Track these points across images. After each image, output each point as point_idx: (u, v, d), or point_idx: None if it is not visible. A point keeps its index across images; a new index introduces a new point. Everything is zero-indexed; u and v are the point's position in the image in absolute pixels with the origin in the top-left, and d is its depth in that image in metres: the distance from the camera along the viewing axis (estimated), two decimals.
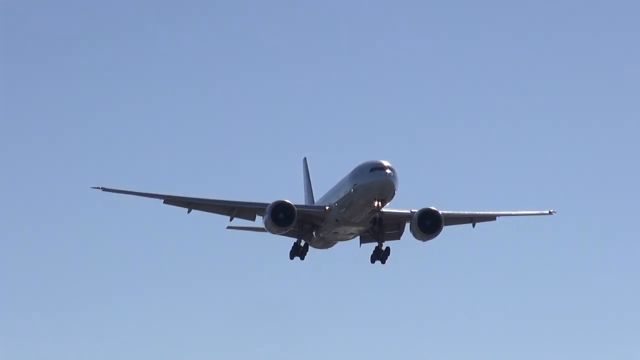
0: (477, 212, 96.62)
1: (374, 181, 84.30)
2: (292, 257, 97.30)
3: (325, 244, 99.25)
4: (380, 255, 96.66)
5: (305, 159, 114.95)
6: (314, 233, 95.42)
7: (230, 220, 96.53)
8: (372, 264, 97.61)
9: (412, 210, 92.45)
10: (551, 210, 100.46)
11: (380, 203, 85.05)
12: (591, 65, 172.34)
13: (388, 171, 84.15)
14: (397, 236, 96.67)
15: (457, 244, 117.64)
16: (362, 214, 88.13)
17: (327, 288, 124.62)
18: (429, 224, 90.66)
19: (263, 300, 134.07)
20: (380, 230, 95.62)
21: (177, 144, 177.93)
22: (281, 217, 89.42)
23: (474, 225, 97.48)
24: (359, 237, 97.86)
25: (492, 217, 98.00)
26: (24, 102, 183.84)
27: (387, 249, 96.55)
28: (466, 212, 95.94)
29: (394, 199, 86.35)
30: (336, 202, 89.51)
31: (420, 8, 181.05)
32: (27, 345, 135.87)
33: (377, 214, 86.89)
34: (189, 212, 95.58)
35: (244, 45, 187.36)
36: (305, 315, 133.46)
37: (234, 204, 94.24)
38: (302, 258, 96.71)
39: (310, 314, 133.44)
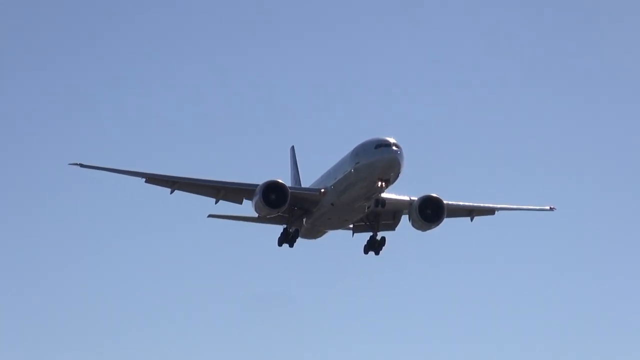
0: (477, 204, 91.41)
1: (379, 159, 78.32)
2: (280, 244, 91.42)
3: (315, 232, 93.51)
4: (374, 246, 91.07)
5: (292, 147, 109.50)
6: (304, 220, 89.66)
7: (216, 203, 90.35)
8: (366, 255, 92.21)
9: (412, 198, 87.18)
10: (552, 207, 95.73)
11: (384, 184, 79.16)
12: (595, 61, 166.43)
13: (395, 148, 78.23)
14: (391, 227, 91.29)
15: (454, 237, 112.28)
16: (362, 196, 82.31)
17: (317, 278, 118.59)
18: (430, 212, 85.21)
19: (247, 289, 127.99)
20: (376, 218, 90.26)
21: (163, 126, 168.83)
22: (273, 198, 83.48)
23: (472, 219, 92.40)
24: (351, 226, 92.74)
25: (491, 211, 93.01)
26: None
27: (383, 239, 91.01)
28: (466, 204, 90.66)
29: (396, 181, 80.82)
30: (333, 184, 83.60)
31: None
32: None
33: (379, 196, 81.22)
34: (171, 192, 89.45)
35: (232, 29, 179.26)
36: (292, 307, 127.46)
37: (222, 184, 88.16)
38: (291, 245, 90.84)
39: (299, 305, 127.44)
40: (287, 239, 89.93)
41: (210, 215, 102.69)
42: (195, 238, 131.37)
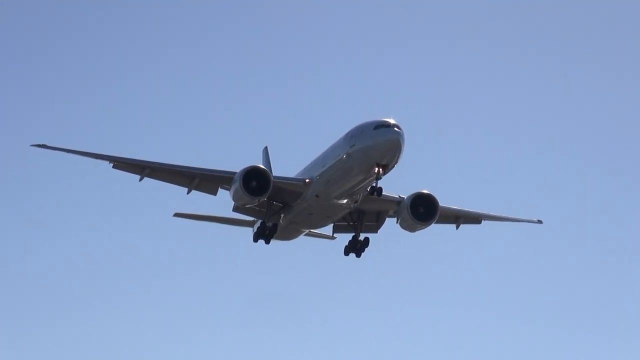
0: (466, 210, 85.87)
1: (379, 140, 71.35)
2: (256, 240, 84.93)
3: (291, 232, 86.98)
4: (356, 247, 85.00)
5: (266, 148, 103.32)
6: (282, 216, 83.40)
7: (188, 192, 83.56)
8: (346, 257, 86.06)
9: (401, 196, 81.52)
10: (539, 219, 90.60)
11: (381, 170, 72.01)
12: (587, 70, 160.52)
13: (396, 129, 71.55)
14: (374, 229, 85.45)
15: (437, 243, 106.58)
16: (354, 186, 75.83)
17: (294, 279, 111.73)
18: (422, 210, 79.47)
19: (219, 289, 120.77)
20: (360, 218, 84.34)
21: (136, 112, 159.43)
22: (254, 185, 77.08)
23: (457, 227, 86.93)
24: (331, 226, 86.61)
25: (477, 220, 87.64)
26: None
27: (366, 239, 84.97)
28: (454, 208, 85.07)
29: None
30: (320, 173, 77.14)
31: None
32: None
33: (376, 183, 73.56)
34: (140, 179, 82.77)
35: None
36: (268, 309, 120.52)
37: (197, 170, 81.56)
38: (268, 241, 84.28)
39: (274, 307, 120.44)
40: (264, 234, 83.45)
41: (176, 215, 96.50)
42: (163, 231, 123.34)
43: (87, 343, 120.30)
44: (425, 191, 79.76)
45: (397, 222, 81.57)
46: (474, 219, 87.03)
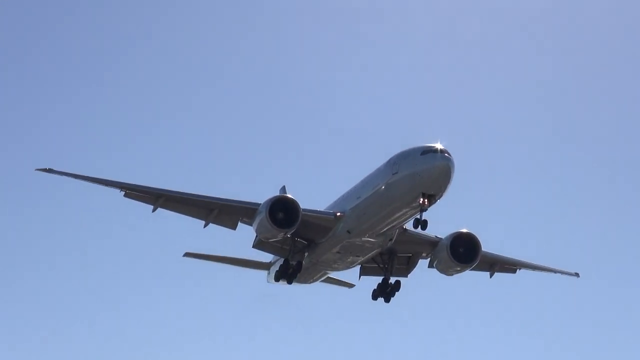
0: (503, 256, 79.45)
1: (427, 167, 64.62)
2: (277, 279, 78.33)
3: (312, 274, 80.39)
4: (386, 291, 78.24)
5: (283, 187, 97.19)
6: (305, 254, 76.81)
7: (205, 226, 76.74)
8: (374, 301, 79.34)
9: (438, 237, 75.27)
10: (576, 272, 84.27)
11: (426, 201, 65.18)
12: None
13: (447, 155, 64.99)
14: (404, 273, 78.89)
15: (470, 291, 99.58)
16: (392, 219, 69.15)
17: (319, 325, 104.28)
18: (462, 251, 73.19)
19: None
20: (390, 260, 77.77)
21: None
22: (281, 217, 70.56)
23: (491, 275, 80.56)
24: (357, 269, 80.00)
25: (512, 269, 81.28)
26: None
27: (397, 283, 78.23)
28: (491, 253, 78.51)
29: None
30: (354, 206, 70.70)
31: None
32: None
33: (420, 215, 66.36)
34: (154, 209, 76.12)
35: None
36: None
37: (218, 200, 74.99)
38: (290, 282, 77.48)
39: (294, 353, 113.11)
40: (287, 272, 76.65)
41: (186, 254, 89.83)
42: (173, 270, 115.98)
43: None
44: (465, 230, 73.58)
45: (433, 265, 75.32)
46: (510, 267, 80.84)
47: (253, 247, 78.12)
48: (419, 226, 66.58)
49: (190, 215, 76.67)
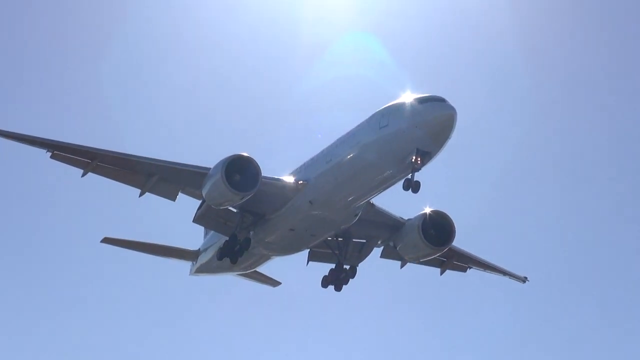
0: (462, 250, 73.40)
1: (430, 118, 56.10)
2: (220, 257, 70.12)
3: (254, 257, 72.58)
4: (339, 278, 71.01)
5: None
6: (251, 232, 69.10)
7: (141, 195, 68.27)
8: (324, 289, 72.02)
9: (402, 218, 68.71)
10: (525, 277, 77.85)
11: (419, 159, 56.90)
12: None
13: (451, 103, 57.01)
14: (355, 260, 71.72)
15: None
16: (370, 185, 61.06)
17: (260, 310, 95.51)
18: (433, 233, 66.61)
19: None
20: (345, 246, 70.61)
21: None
22: (237, 179, 62.47)
23: (442, 272, 74.21)
24: (307, 253, 72.60)
25: (463, 267, 75.12)
26: None
27: (352, 269, 71.08)
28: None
29: None
30: (322, 172, 62.87)
31: None
32: None
33: (412, 175, 57.69)
34: (84, 174, 67.32)
35: None
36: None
37: (161, 163, 66.51)
38: (235, 261, 69.54)
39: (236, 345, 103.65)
40: (232, 250, 68.48)
41: (105, 240, 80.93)
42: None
43: None
44: (437, 210, 66.91)
45: (396, 248, 68.42)
46: (461, 265, 74.45)
47: (194, 221, 69.73)
48: (410, 188, 58.15)
49: (125, 182, 68.18)
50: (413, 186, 58.10)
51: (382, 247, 71.84)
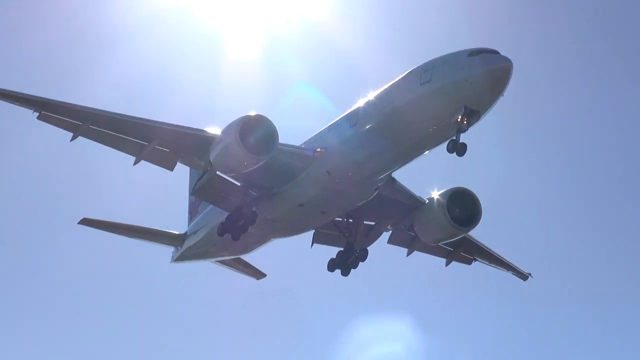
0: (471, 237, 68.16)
1: (484, 71, 49.97)
2: (221, 233, 63.87)
3: (254, 239, 66.94)
4: (347, 261, 65.55)
5: None
6: (253, 208, 63.25)
7: (136, 163, 62.17)
8: (330, 272, 66.52)
9: (421, 197, 63.38)
10: (529, 273, 72.76)
11: (465, 120, 50.60)
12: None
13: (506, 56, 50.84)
14: (363, 245, 66.37)
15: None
16: (403, 150, 54.93)
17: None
18: (457, 213, 61.21)
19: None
20: (356, 227, 65.19)
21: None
22: (252, 142, 56.52)
23: (448, 263, 69.16)
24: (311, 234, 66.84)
25: (468, 259, 70.05)
26: None
27: (363, 251, 65.74)
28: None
29: None
30: (347, 138, 56.77)
31: None
32: None
33: (457, 137, 51.39)
34: (73, 138, 60.99)
35: None
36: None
37: (164, 126, 60.01)
38: (237, 237, 63.35)
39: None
40: (236, 225, 62.46)
41: (83, 221, 74.42)
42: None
43: None
44: (463, 187, 61.73)
45: (414, 230, 63.07)
46: (466, 257, 69.36)
47: (193, 193, 64.13)
48: (455, 151, 51.88)
49: (119, 148, 62.02)
50: (459, 148, 52.02)
51: (390, 232, 66.73)
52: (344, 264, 65.51)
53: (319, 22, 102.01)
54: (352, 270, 65.78)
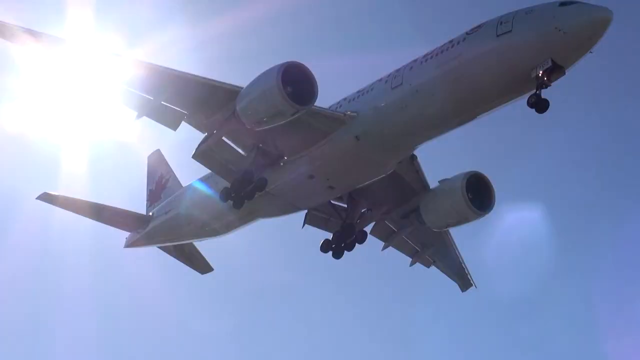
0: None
1: (580, 21, 46.17)
2: (225, 199, 59.72)
3: (239, 216, 63.75)
4: (344, 242, 63.36)
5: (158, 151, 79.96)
6: (264, 175, 59.15)
7: (138, 117, 58.10)
8: (323, 253, 64.03)
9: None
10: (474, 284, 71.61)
11: (549, 75, 47.07)
12: None
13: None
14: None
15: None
16: (465, 109, 51.39)
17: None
18: (471, 197, 59.11)
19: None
20: (355, 207, 63.30)
21: None
22: (290, 90, 52.59)
23: (412, 264, 67.30)
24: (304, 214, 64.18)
25: (428, 261, 68.21)
26: None
27: (362, 233, 63.72)
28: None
29: None
30: (389, 100, 53.72)
31: None
32: None
33: (539, 91, 47.20)
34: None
35: None
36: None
37: (177, 73, 55.34)
38: (240, 205, 59.64)
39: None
40: (244, 189, 59.01)
41: (42, 196, 69.68)
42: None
43: None
44: (478, 172, 60.62)
45: (420, 215, 61.36)
46: (427, 259, 67.83)
47: (194, 156, 59.40)
48: (537, 106, 47.80)
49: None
50: (542, 104, 47.97)
51: (374, 223, 64.92)
52: (339, 245, 63.51)
53: None
54: (345, 252, 63.74)
